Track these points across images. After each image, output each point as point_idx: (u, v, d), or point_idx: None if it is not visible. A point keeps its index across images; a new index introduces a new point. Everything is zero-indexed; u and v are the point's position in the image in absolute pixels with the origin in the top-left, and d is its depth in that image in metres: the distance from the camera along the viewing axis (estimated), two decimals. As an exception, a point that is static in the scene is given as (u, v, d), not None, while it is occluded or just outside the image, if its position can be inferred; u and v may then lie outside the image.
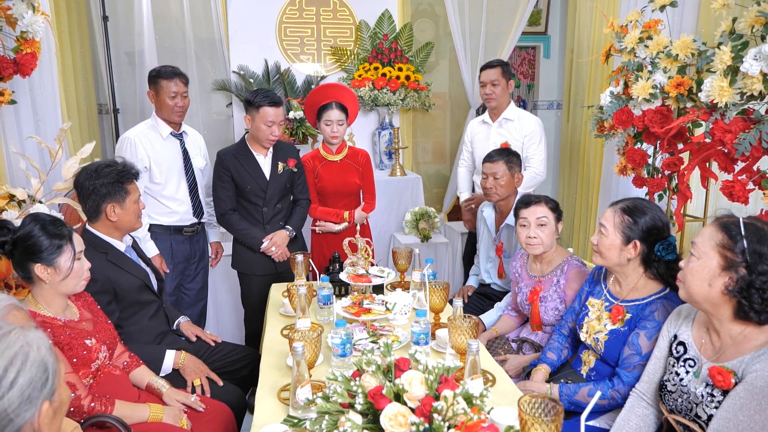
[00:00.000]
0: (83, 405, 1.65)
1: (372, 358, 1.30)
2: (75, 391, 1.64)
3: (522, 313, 2.48)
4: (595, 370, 1.92)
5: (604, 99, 2.58)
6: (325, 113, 2.98)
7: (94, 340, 1.81)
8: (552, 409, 1.18)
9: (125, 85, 4.06)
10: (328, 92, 3.07)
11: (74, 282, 1.75)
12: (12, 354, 0.94)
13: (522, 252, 2.46)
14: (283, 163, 2.84)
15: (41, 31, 2.37)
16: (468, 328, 1.63)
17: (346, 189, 3.13)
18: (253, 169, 2.80)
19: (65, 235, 1.72)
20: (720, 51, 1.98)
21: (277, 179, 2.84)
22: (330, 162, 3.09)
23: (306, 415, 1.46)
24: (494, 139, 3.29)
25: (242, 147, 2.83)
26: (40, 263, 1.67)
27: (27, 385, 0.94)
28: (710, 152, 2.18)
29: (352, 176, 3.12)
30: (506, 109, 3.28)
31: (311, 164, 3.08)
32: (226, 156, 2.80)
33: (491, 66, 3.24)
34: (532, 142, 3.23)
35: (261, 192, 2.82)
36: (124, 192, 2.09)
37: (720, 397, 1.39)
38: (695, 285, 1.45)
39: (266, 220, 2.87)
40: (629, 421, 1.65)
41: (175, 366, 2.13)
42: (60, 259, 1.70)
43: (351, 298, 2.20)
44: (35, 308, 1.71)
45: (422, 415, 1.16)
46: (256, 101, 2.70)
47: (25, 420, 0.93)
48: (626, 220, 1.84)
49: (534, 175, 3.23)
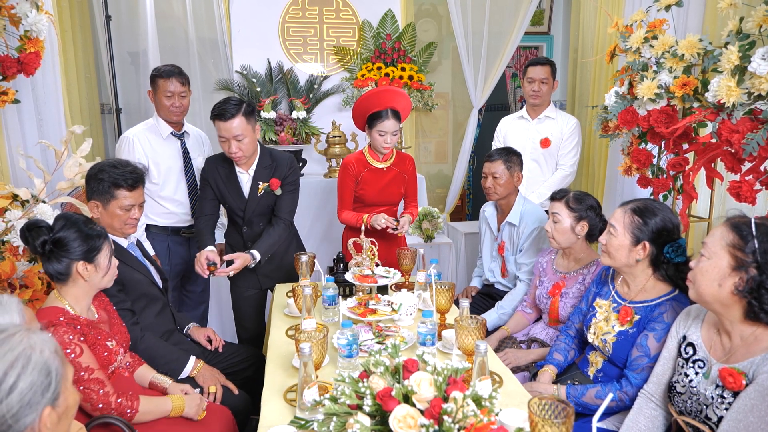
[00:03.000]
0: (111, 402, 1.68)
1: (380, 359, 1.30)
2: (104, 387, 1.67)
3: (536, 310, 2.49)
4: (603, 372, 1.90)
5: (609, 99, 2.57)
6: (379, 123, 2.69)
7: (115, 343, 1.82)
8: (562, 410, 1.17)
9: (128, 85, 4.05)
10: (384, 98, 2.73)
11: (109, 279, 1.81)
12: (13, 357, 0.92)
13: (550, 249, 2.48)
14: (266, 183, 2.57)
15: (45, 30, 2.36)
16: (475, 329, 1.62)
17: (388, 199, 2.89)
18: (233, 187, 2.59)
19: (102, 234, 1.77)
20: (727, 51, 1.97)
21: (256, 201, 2.58)
22: (375, 169, 2.81)
23: (313, 416, 1.45)
24: (533, 136, 3.29)
25: (226, 160, 2.57)
26: (83, 261, 1.71)
27: (27, 389, 0.91)
28: (716, 152, 2.18)
29: (397, 186, 2.87)
30: (548, 107, 3.29)
31: (354, 169, 2.79)
32: (210, 165, 2.62)
33: (541, 63, 3.21)
34: (569, 142, 3.25)
35: (240, 211, 2.62)
36: (109, 195, 2.07)
37: (730, 398, 1.38)
38: (705, 285, 1.44)
39: (247, 239, 2.65)
40: (638, 423, 1.64)
41: (191, 374, 2.13)
42: (99, 256, 1.75)
43: (356, 298, 2.19)
44: (63, 305, 1.72)
45: (431, 416, 1.15)
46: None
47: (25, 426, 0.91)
48: (636, 221, 1.83)
49: (565, 175, 3.25)
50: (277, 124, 3.79)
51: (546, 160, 3.29)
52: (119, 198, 2.07)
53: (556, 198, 2.33)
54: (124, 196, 2.08)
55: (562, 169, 3.25)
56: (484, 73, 4.03)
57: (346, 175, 2.80)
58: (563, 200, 2.29)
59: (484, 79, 4.04)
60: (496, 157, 2.73)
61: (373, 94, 2.75)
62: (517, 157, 2.78)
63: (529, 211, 2.74)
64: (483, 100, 4.10)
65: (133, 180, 2.09)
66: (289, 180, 2.62)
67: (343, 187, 2.82)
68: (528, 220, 2.72)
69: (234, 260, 2.43)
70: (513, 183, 2.75)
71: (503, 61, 4.01)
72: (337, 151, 3.77)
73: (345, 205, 2.84)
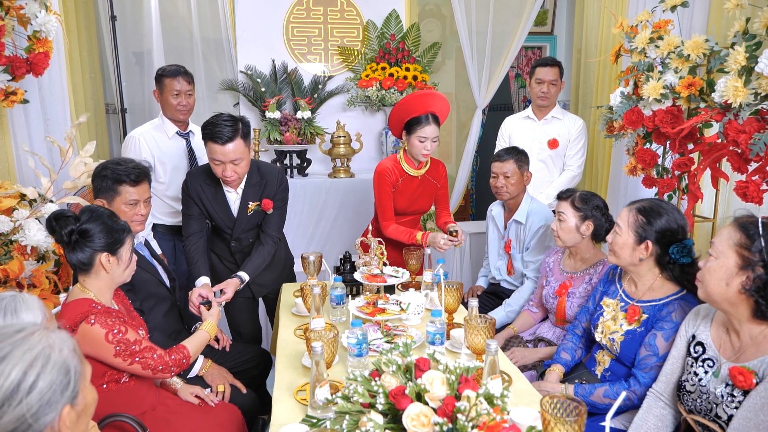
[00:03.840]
0: (168, 361, 1.78)
1: (392, 358, 1.31)
2: (156, 351, 1.77)
3: (543, 309, 2.50)
4: (610, 371, 1.91)
5: (614, 99, 2.58)
6: (419, 128, 2.58)
7: (143, 332, 1.87)
8: (575, 409, 1.18)
9: (133, 85, 4.06)
10: (425, 102, 2.60)
11: (129, 273, 1.83)
12: (33, 356, 0.92)
13: (557, 248, 2.49)
14: (256, 202, 2.45)
15: (54, 30, 2.37)
16: (484, 329, 1.63)
17: (417, 209, 2.79)
18: (220, 207, 2.46)
19: (126, 229, 1.80)
20: (734, 51, 1.98)
21: (246, 219, 2.48)
22: (411, 177, 2.71)
23: (325, 414, 1.46)
24: (539, 136, 3.30)
25: (212, 176, 2.41)
26: (107, 252, 1.73)
27: (47, 388, 0.92)
28: (722, 153, 2.18)
29: (428, 195, 2.78)
30: (554, 108, 3.30)
31: (392, 177, 2.66)
32: (194, 183, 2.44)
33: (549, 64, 3.20)
34: (576, 143, 3.25)
35: (228, 228, 2.51)
36: (113, 191, 2.08)
37: (740, 397, 1.39)
38: (713, 284, 1.45)
39: (235, 251, 2.58)
40: (647, 421, 1.65)
41: (199, 373, 2.14)
42: (122, 249, 1.77)
43: (365, 297, 2.20)
44: (89, 296, 1.74)
45: (444, 415, 1.16)
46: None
47: (45, 425, 0.91)
48: (640, 220, 1.84)
49: (573, 176, 3.26)
50: (281, 124, 3.80)
51: (553, 160, 3.30)
52: (123, 194, 2.08)
53: (562, 197, 2.34)
54: (128, 191, 2.08)
55: (569, 170, 3.26)
56: (488, 73, 4.03)
57: (385, 183, 2.66)
58: (569, 200, 2.30)
59: (488, 80, 4.04)
60: (507, 157, 2.74)
61: (412, 98, 2.62)
62: (525, 156, 2.79)
63: (536, 210, 2.76)
64: (487, 100, 4.11)
65: (136, 175, 2.09)
66: (279, 197, 2.50)
67: (383, 196, 2.68)
68: (535, 218, 2.73)
69: (224, 290, 2.32)
70: (523, 182, 2.76)
71: (507, 62, 4.02)
72: (341, 151, 3.78)
73: (388, 216, 2.70)
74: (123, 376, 1.78)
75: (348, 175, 3.84)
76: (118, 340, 1.67)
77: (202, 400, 1.99)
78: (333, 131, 3.83)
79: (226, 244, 2.58)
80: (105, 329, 1.65)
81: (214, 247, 2.64)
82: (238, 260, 2.57)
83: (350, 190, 3.80)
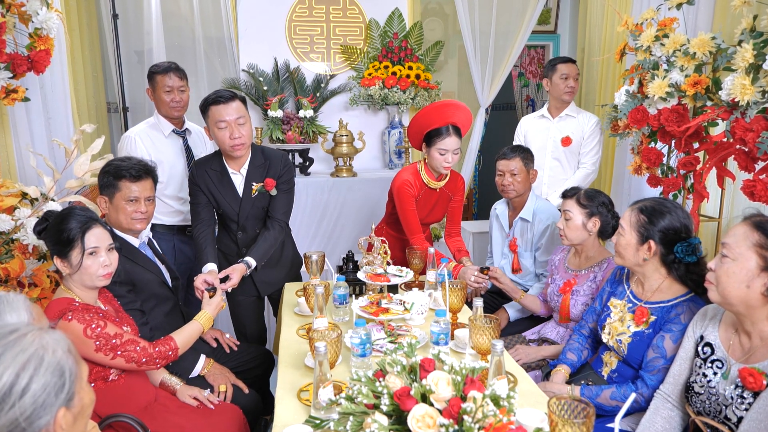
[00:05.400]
0: (152, 353, 1.78)
1: (396, 358, 1.29)
2: (138, 344, 1.76)
3: (548, 308, 2.49)
4: (617, 372, 1.89)
5: (619, 98, 2.56)
6: (439, 141, 2.52)
7: (129, 329, 1.84)
8: (582, 410, 1.16)
9: (134, 84, 4.04)
10: (445, 113, 2.53)
11: (86, 277, 1.75)
12: (25, 358, 0.90)
13: (564, 247, 2.48)
14: (259, 183, 2.43)
15: (55, 28, 2.36)
16: (490, 329, 1.61)
17: (430, 221, 2.75)
18: (226, 189, 2.44)
19: (77, 232, 1.73)
20: (742, 49, 1.96)
21: (250, 203, 2.44)
22: (430, 190, 2.66)
23: (328, 415, 1.44)
24: (554, 134, 3.28)
25: (216, 162, 2.44)
26: (56, 256, 1.75)
27: (41, 391, 0.89)
28: (728, 151, 2.16)
29: (442, 208, 2.74)
30: (569, 106, 3.28)
31: (414, 190, 2.60)
32: (199, 170, 2.45)
33: (571, 61, 3.19)
34: (590, 140, 3.23)
35: (234, 215, 2.47)
36: (113, 187, 2.06)
37: (750, 398, 1.37)
38: (732, 287, 1.42)
39: (242, 245, 2.52)
40: (654, 423, 1.63)
41: (201, 372, 2.13)
42: (72, 253, 1.73)
43: (368, 297, 2.18)
44: (72, 296, 1.75)
45: (450, 416, 1.14)
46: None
47: (39, 428, 0.89)
48: (642, 220, 1.82)
49: (587, 173, 3.23)
50: (284, 123, 3.79)
51: (568, 158, 3.28)
52: (123, 189, 2.05)
53: (567, 195, 2.32)
54: (128, 187, 2.05)
55: (584, 167, 3.24)
56: (491, 72, 4.01)
57: (408, 195, 2.59)
58: (574, 197, 2.29)
59: (491, 79, 4.03)
60: (513, 155, 2.72)
61: (433, 109, 2.54)
62: (530, 153, 2.78)
63: (542, 208, 2.75)
64: (490, 99, 4.09)
65: (137, 170, 2.07)
66: (284, 179, 2.47)
67: (407, 209, 2.61)
68: (541, 216, 2.72)
69: (230, 275, 2.27)
70: (529, 179, 2.75)
71: (510, 61, 4.00)
72: (344, 150, 3.76)
73: (415, 229, 2.63)
74: (110, 373, 1.76)
75: (350, 174, 3.83)
76: (98, 335, 1.67)
77: (200, 403, 1.96)
78: (335, 130, 3.81)
79: (232, 238, 2.55)
80: (83, 324, 1.65)
81: (221, 243, 2.61)
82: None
83: (353, 189, 3.79)
